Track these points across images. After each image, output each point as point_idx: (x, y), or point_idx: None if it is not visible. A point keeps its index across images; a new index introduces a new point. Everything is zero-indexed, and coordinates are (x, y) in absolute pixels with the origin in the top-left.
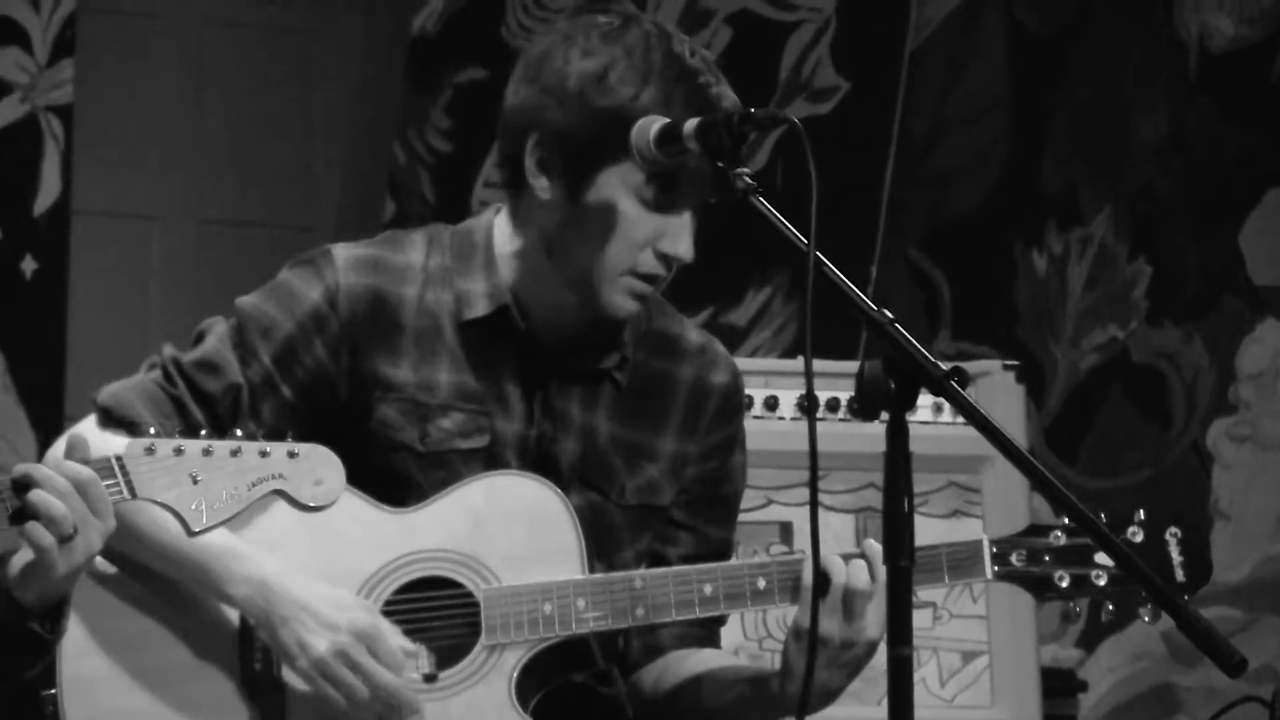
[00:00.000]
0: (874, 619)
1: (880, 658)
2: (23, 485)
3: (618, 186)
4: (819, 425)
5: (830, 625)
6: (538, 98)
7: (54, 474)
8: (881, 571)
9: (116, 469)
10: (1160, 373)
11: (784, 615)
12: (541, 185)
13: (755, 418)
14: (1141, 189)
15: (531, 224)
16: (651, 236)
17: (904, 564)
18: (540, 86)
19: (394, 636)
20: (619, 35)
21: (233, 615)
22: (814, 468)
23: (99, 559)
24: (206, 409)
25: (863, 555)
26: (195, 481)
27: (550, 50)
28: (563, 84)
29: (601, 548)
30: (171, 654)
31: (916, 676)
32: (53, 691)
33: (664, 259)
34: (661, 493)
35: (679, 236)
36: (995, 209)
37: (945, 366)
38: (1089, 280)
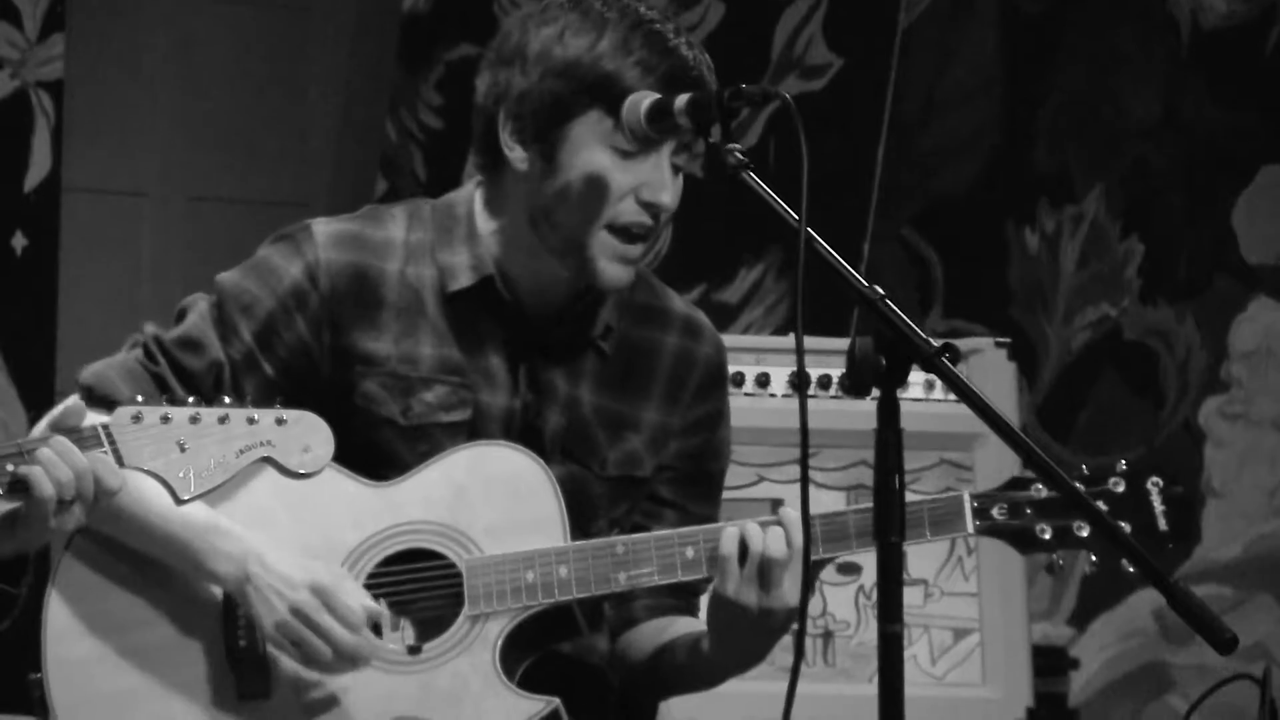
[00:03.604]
0: (791, 586)
1: (871, 634)
2: (24, 458)
3: (590, 139)
4: (810, 402)
5: (749, 593)
6: (503, 73)
7: (58, 461)
8: (798, 539)
9: (104, 437)
10: (1152, 351)
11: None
12: (518, 156)
13: (746, 395)
14: (1134, 167)
15: (513, 200)
16: (630, 185)
17: (894, 540)
18: (504, 63)
19: (353, 594)
20: (575, 3)
21: (216, 593)
22: (805, 445)
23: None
24: (188, 387)
25: (779, 522)
26: (183, 449)
27: (509, 31)
28: (523, 52)
29: (578, 517)
30: (157, 634)
31: (907, 654)
32: (39, 675)
33: (647, 207)
34: (642, 464)
35: (658, 184)
36: (988, 187)
37: (937, 343)
38: (1081, 258)
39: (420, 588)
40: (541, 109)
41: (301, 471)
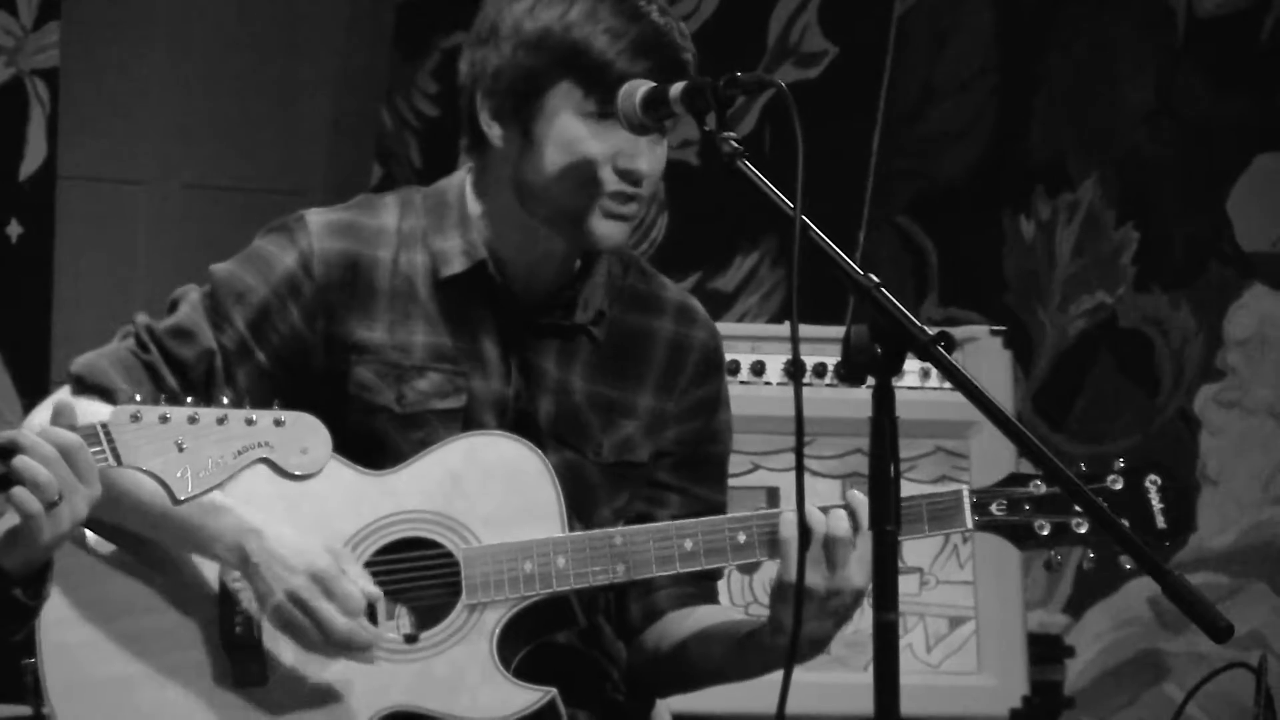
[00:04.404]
0: (858, 567)
1: (867, 623)
2: (7, 451)
3: (563, 110)
4: (805, 390)
5: (814, 576)
6: (479, 53)
7: (40, 440)
8: (865, 520)
9: (102, 436)
10: (1148, 338)
11: (770, 580)
12: (496, 134)
13: (742, 383)
14: (1129, 155)
15: (499, 179)
16: (607, 153)
17: (890, 528)
18: (480, 42)
19: (356, 581)
20: None
21: (212, 579)
22: (800, 433)
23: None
24: (180, 376)
25: (844, 506)
26: (181, 449)
27: (487, 11)
28: (497, 29)
29: (579, 506)
30: (152, 620)
31: (903, 642)
32: (33, 660)
33: (625, 175)
34: (638, 449)
35: (635, 152)
36: (983, 175)
37: (932, 331)
38: (1077, 246)
39: (417, 576)
40: (515, 84)
41: (299, 473)
